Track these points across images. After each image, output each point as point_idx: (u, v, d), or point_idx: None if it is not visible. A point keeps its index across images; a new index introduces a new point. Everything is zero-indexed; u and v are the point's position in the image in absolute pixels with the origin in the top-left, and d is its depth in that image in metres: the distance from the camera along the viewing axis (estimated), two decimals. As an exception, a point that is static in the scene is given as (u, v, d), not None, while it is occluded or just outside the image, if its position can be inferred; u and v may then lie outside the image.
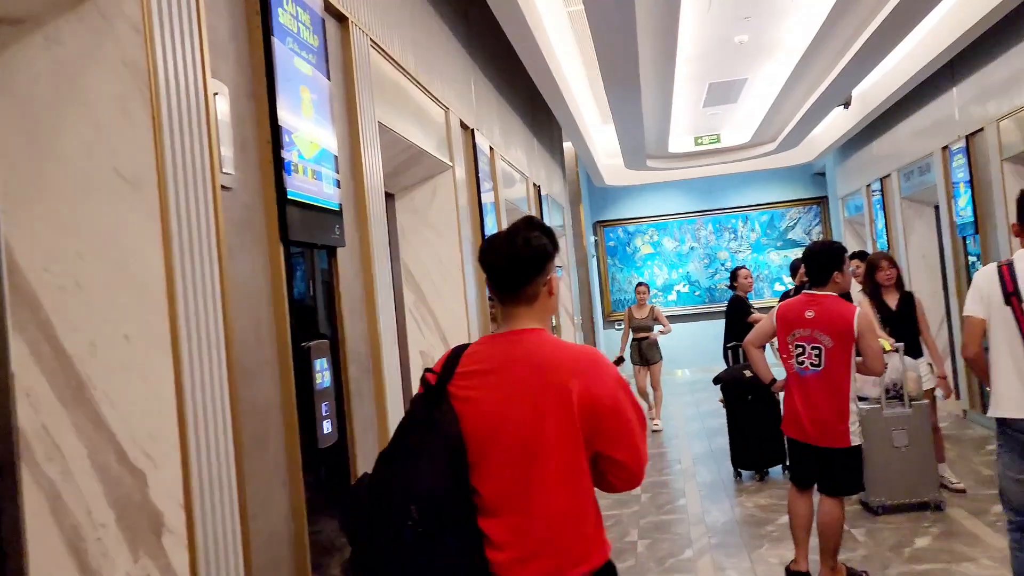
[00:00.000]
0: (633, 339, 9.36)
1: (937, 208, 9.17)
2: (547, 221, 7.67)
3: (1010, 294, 3.25)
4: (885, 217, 10.44)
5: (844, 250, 4.20)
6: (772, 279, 14.79)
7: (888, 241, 10.17)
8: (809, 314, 4.12)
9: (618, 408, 1.93)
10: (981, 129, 7.38)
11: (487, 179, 5.45)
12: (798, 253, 14.29)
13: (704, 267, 15.10)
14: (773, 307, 4.44)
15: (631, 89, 7.54)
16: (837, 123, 11.04)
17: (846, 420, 4.04)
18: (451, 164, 4.66)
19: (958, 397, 8.29)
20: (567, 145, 11.33)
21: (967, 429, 7.86)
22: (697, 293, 15.07)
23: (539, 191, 7.94)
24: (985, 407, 7.92)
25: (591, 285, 12.73)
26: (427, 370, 2.05)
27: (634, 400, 2.01)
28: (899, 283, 5.82)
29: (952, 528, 5.04)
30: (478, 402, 1.95)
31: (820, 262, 4.16)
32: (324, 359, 2.64)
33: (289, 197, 2.47)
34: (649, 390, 9.40)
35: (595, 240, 14.66)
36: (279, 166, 2.44)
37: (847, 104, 9.96)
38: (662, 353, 9.45)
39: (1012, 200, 7.06)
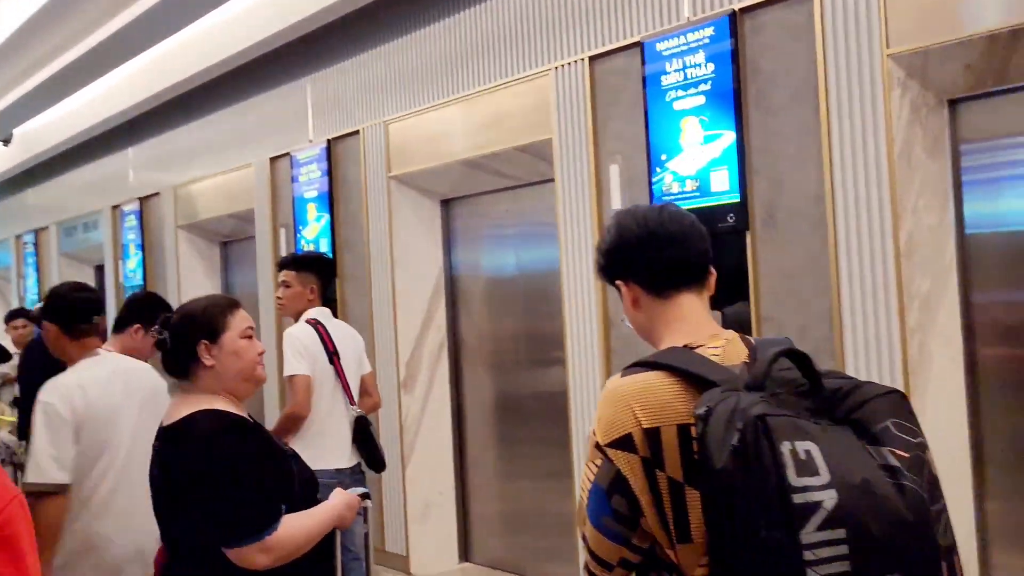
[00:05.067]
0: None
1: (102, 267, 8.87)
2: None
3: (331, 353, 3.59)
4: (39, 273, 9.67)
5: None
6: None
7: (41, 299, 9.41)
8: None
9: None
10: (157, 193, 7.45)
11: None
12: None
13: None
14: None
15: None
16: (-10, 161, 9.82)
17: None
18: None
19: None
20: None
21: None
22: None
23: None
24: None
25: None
26: None
27: None
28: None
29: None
30: None
31: None
32: None
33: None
34: None
35: None
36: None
37: (7, 141, 8.97)
38: None
39: (184, 264, 7.32)
